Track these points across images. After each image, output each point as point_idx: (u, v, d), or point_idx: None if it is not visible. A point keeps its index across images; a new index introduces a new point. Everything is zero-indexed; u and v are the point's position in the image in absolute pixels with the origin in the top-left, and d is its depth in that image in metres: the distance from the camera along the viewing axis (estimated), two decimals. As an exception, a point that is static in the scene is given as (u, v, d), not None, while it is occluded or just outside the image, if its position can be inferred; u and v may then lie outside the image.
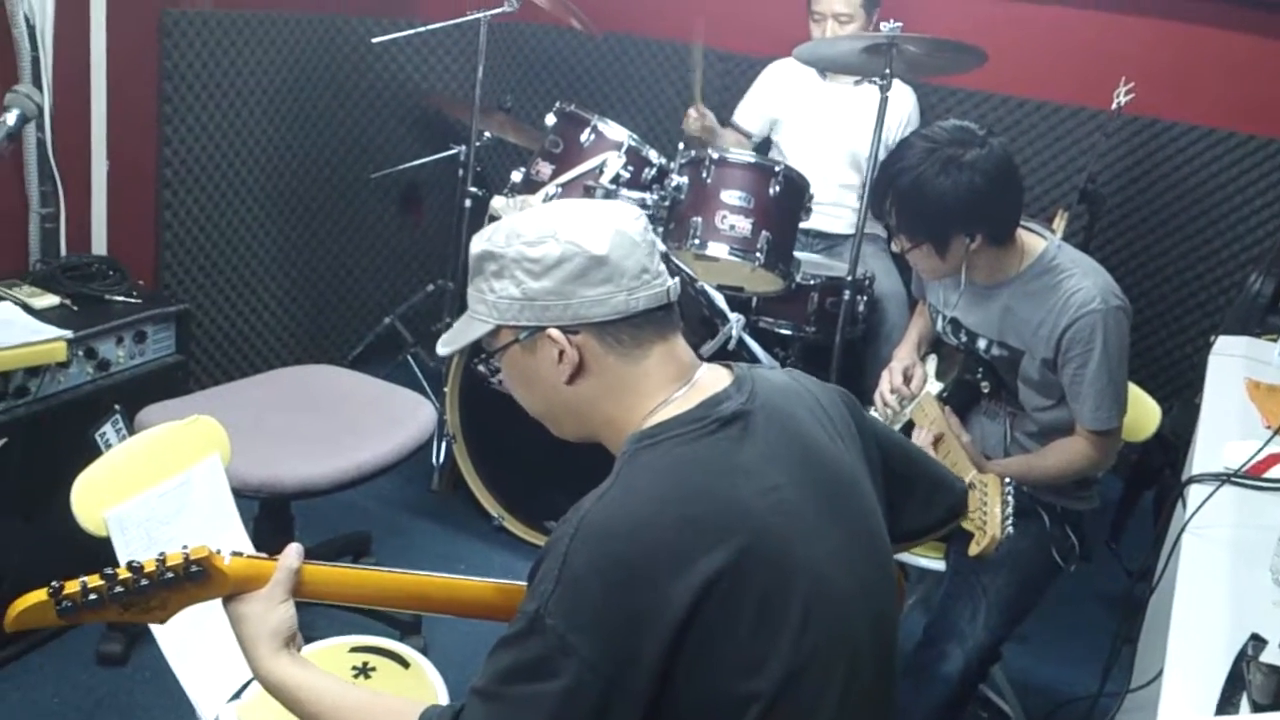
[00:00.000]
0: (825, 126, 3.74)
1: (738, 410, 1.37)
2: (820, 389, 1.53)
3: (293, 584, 1.44)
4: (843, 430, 1.50)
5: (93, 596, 1.35)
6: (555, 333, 1.38)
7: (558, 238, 1.36)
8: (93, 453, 1.96)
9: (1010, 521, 2.06)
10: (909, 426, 2.52)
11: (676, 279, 1.45)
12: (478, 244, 1.42)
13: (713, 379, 1.43)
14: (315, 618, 2.06)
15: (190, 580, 1.39)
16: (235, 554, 1.44)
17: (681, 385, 1.41)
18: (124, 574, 1.37)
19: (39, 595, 1.35)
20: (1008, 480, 2.15)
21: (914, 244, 2.32)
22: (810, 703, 1.30)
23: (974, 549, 2.04)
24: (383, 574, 1.54)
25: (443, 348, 1.50)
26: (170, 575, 1.38)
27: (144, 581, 1.37)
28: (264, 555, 1.47)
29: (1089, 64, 3.83)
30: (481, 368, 3.07)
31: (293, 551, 1.46)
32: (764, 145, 3.94)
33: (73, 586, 1.35)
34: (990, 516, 2.05)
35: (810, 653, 1.29)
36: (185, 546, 1.40)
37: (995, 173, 2.22)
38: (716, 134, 3.83)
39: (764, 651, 1.27)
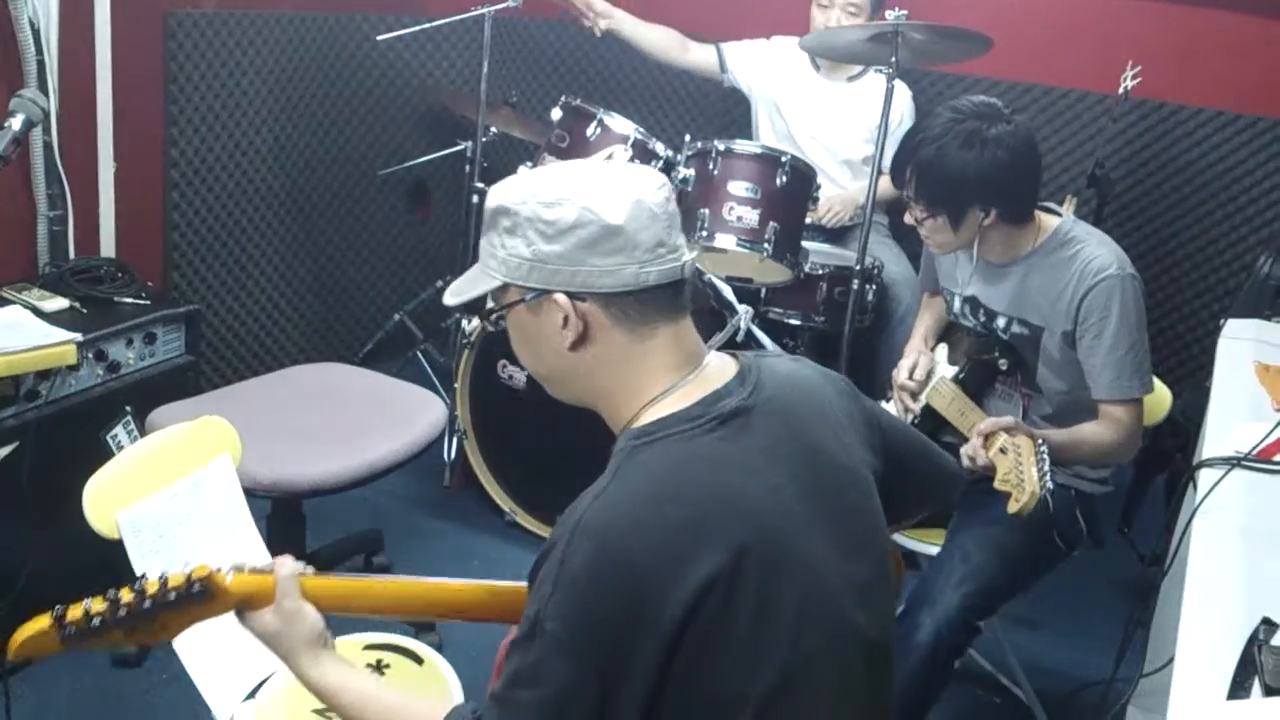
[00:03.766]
0: (816, 123, 3.73)
1: (738, 407, 1.35)
2: (824, 377, 1.52)
3: (298, 591, 1.44)
4: (845, 420, 1.48)
5: (96, 621, 1.35)
6: (561, 298, 1.34)
7: (574, 201, 1.33)
8: (104, 455, 1.97)
9: (1048, 477, 2.03)
10: (927, 411, 2.52)
11: (695, 254, 1.42)
12: (495, 196, 1.39)
13: (718, 371, 1.41)
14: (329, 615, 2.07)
15: (193, 600, 1.39)
16: (236, 569, 1.44)
17: (686, 374, 1.39)
18: (127, 596, 1.36)
19: (41, 622, 1.35)
20: (1040, 441, 2.13)
21: (930, 214, 2.32)
22: (807, 701, 1.31)
23: (1013, 506, 2.00)
24: (384, 582, 1.54)
25: (450, 298, 1.48)
26: (173, 596, 1.38)
27: (147, 603, 1.37)
28: (264, 567, 1.46)
29: (1095, 48, 3.81)
30: (487, 324, 3.06)
31: (286, 561, 1.47)
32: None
33: (75, 611, 1.35)
34: (1027, 476, 2.04)
35: (807, 652, 1.29)
36: (187, 564, 1.40)
37: (1018, 149, 2.24)
38: (624, 22, 3.84)
39: (761, 651, 1.27)
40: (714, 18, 4.19)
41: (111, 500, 1.84)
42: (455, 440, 3.41)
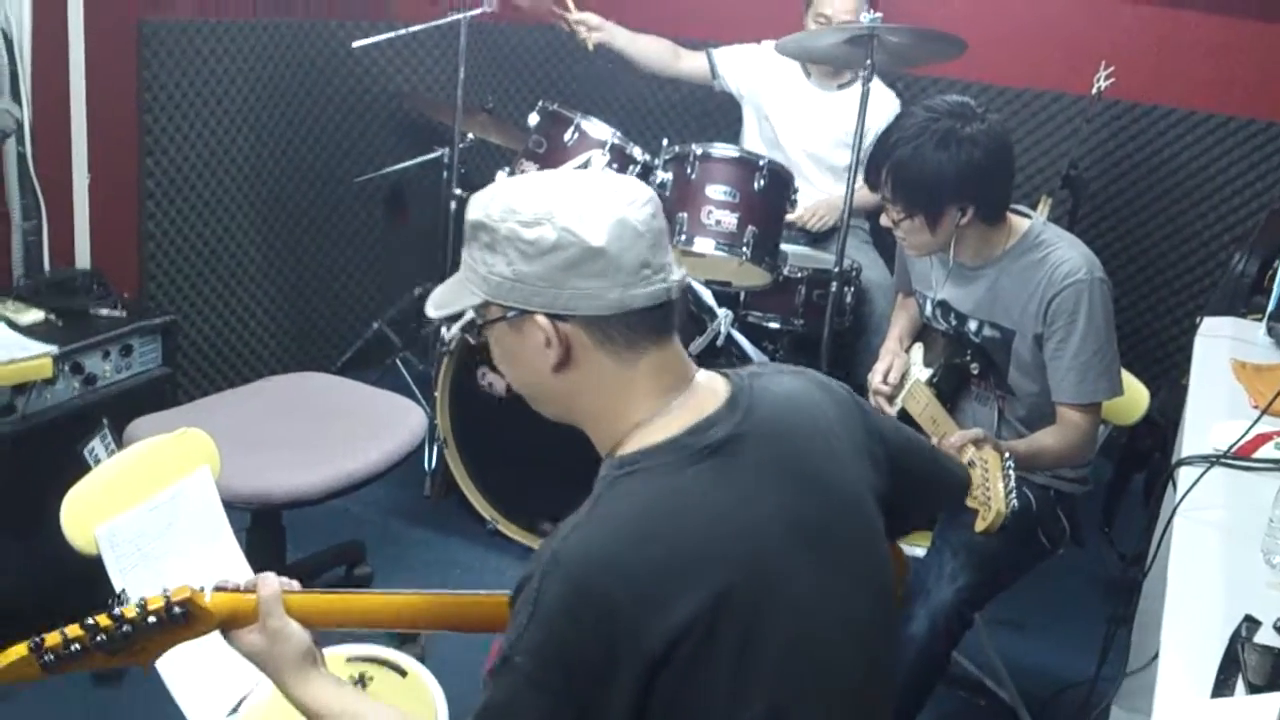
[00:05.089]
0: (807, 127, 3.75)
1: (727, 436, 1.30)
2: (824, 392, 1.47)
3: (282, 609, 1.42)
4: (845, 437, 1.43)
5: (75, 647, 1.33)
6: (542, 319, 1.30)
7: (554, 221, 1.27)
8: (81, 469, 1.95)
9: (1013, 495, 2.04)
10: (903, 415, 2.53)
11: (683, 272, 1.36)
12: (474, 210, 1.34)
13: (707, 395, 1.36)
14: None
15: (173, 622, 1.37)
16: (218, 588, 1.42)
17: (673, 398, 1.34)
18: (105, 622, 1.35)
19: (20, 650, 1.33)
20: (1007, 455, 2.14)
21: (907, 215, 2.32)
22: None
23: (980, 525, 2.02)
24: (370, 596, 1.52)
25: (432, 310, 1.43)
26: (153, 619, 1.36)
27: (126, 628, 1.35)
28: (246, 585, 1.45)
29: (1068, 50, 3.84)
30: (469, 336, 3.05)
31: (269, 578, 1.44)
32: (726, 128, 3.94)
33: (54, 639, 1.33)
34: (994, 493, 2.04)
35: (793, 691, 1.27)
36: (165, 589, 1.38)
37: (993, 147, 2.25)
38: (616, 34, 3.85)
39: (744, 688, 1.24)
40: (705, 23, 4.21)
41: (89, 515, 1.82)
42: (435, 449, 3.40)
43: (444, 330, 3.21)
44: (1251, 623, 1.45)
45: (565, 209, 1.28)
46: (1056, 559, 2.47)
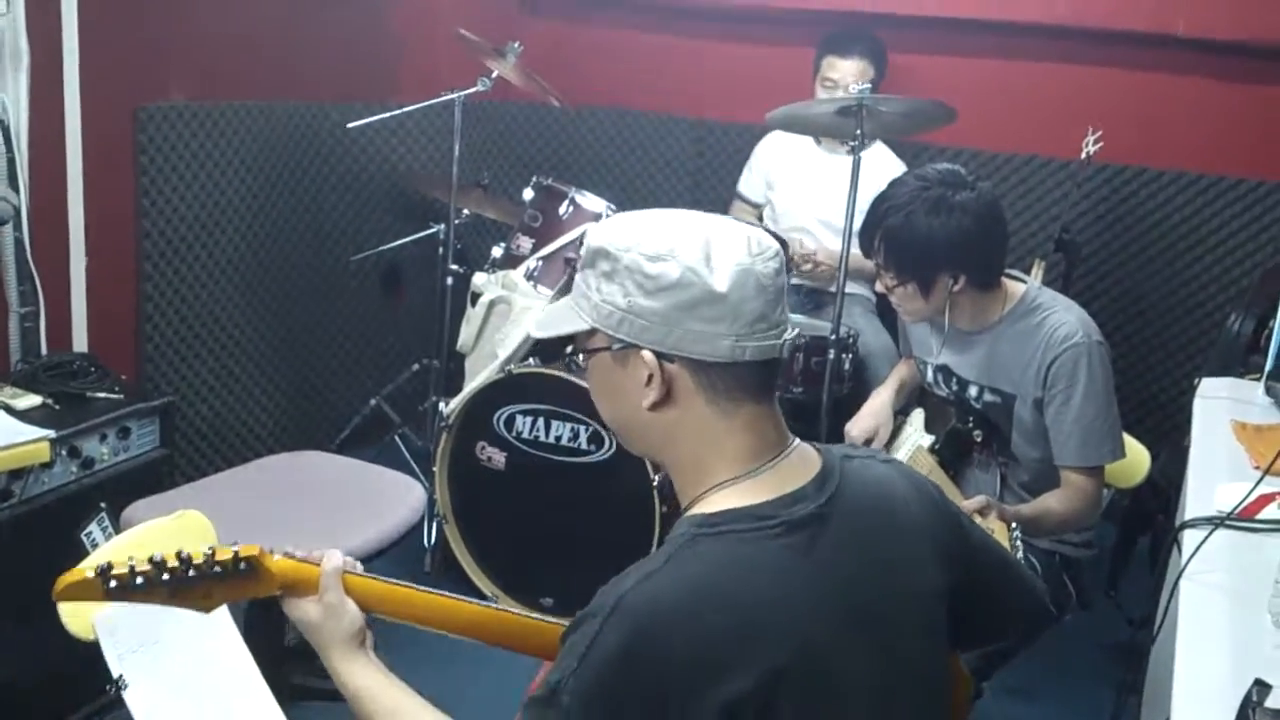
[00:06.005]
0: (819, 193, 3.78)
1: (811, 515, 1.29)
2: (912, 488, 1.44)
3: (341, 586, 1.46)
4: (927, 538, 1.40)
5: (139, 580, 1.39)
6: (649, 356, 1.29)
7: (679, 259, 1.27)
8: (79, 553, 1.94)
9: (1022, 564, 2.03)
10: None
11: (795, 332, 1.36)
12: (597, 236, 1.35)
13: (798, 466, 1.35)
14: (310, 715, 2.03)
15: (238, 575, 1.44)
16: (287, 554, 1.48)
17: (764, 463, 1.33)
18: (172, 561, 1.40)
19: (83, 572, 1.39)
20: (1014, 525, 2.13)
21: (899, 282, 2.34)
22: None
23: None
24: (429, 594, 1.55)
25: (536, 330, 1.43)
26: (218, 569, 1.42)
27: (191, 572, 1.41)
28: (312, 558, 1.50)
29: (1056, 115, 3.88)
30: (568, 361, 3.04)
31: (334, 554, 1.48)
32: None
33: (121, 569, 1.39)
34: None
35: None
36: (235, 543, 1.45)
37: (984, 215, 2.26)
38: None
39: None
40: (717, 96, 4.29)
41: (87, 602, 1.81)
42: (435, 525, 3.38)
43: (442, 405, 3.20)
44: (1261, 686, 1.43)
45: (692, 248, 1.28)
46: (1063, 624, 2.45)
